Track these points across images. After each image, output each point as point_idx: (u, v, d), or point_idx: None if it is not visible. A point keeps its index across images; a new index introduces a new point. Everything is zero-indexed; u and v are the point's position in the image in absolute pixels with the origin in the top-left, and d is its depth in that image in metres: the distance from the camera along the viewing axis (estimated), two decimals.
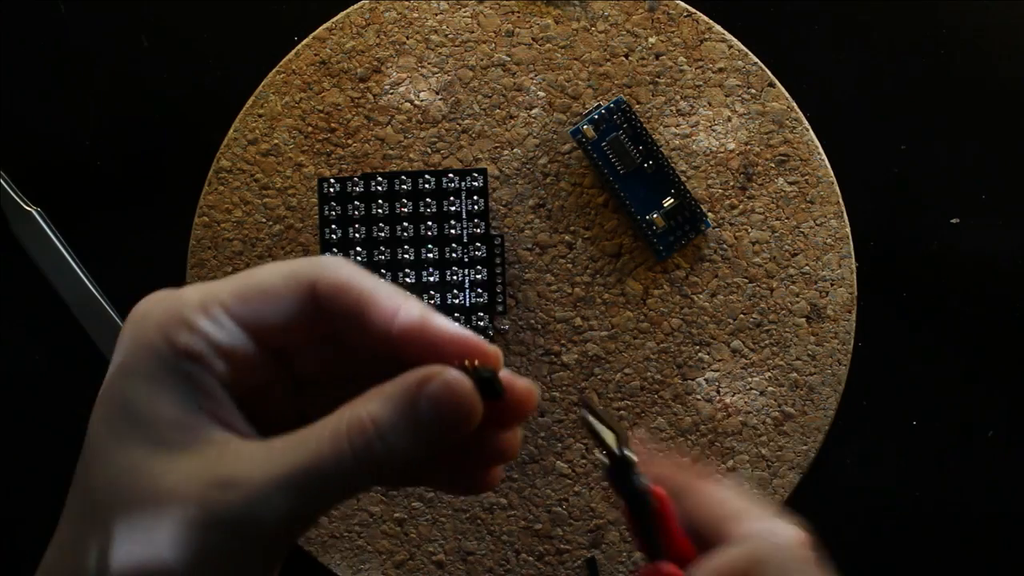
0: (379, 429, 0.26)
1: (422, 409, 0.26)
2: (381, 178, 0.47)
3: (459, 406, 0.26)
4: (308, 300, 0.27)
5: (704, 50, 0.48)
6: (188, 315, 0.27)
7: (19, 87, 0.50)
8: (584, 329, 0.48)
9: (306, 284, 0.27)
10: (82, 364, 0.50)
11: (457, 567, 0.48)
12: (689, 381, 0.48)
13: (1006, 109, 0.48)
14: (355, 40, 0.48)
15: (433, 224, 0.47)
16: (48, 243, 0.49)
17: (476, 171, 0.47)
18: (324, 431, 0.26)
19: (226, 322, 0.27)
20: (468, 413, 0.26)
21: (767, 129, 0.48)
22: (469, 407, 0.26)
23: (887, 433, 0.48)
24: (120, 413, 0.26)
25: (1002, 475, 0.48)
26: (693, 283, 0.48)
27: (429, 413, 0.26)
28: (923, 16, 0.48)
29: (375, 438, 0.26)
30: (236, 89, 0.49)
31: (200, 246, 0.49)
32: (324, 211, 0.47)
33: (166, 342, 0.26)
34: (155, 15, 0.49)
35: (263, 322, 0.27)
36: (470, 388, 0.26)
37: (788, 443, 0.48)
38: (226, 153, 0.49)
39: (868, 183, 0.48)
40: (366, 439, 0.26)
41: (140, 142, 0.50)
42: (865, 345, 0.48)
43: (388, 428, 0.26)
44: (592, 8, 0.48)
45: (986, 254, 0.48)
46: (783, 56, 0.48)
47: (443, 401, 0.26)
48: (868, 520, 0.48)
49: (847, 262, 0.48)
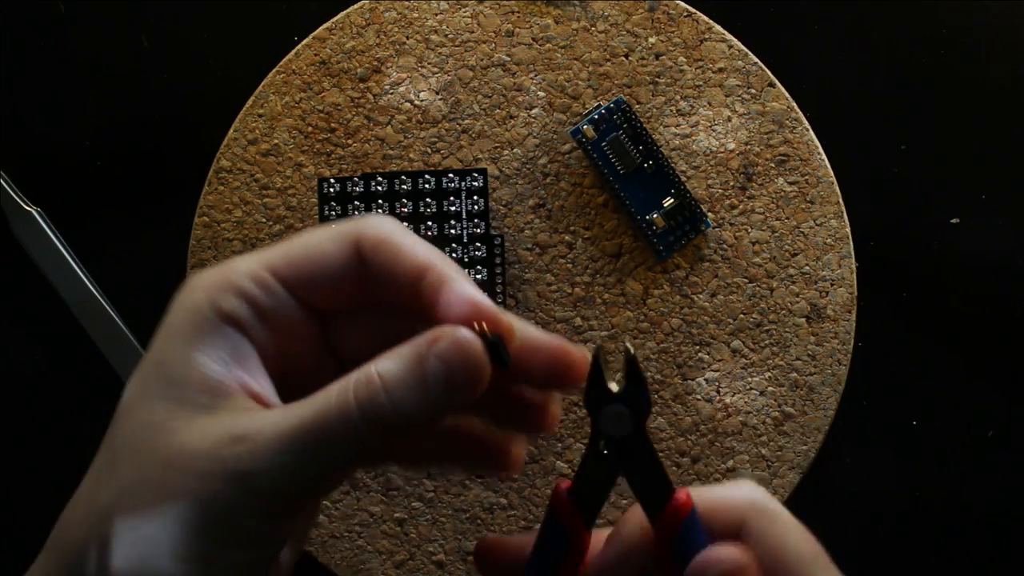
0: (386, 385, 0.26)
1: (430, 367, 0.26)
2: (381, 178, 0.47)
3: (467, 365, 0.26)
4: (353, 257, 0.28)
5: (704, 50, 0.48)
6: (237, 280, 0.27)
7: (19, 87, 0.50)
8: (584, 329, 0.48)
9: (351, 241, 0.28)
10: (82, 364, 0.49)
11: (457, 567, 0.48)
12: (689, 381, 0.48)
13: (1006, 109, 0.48)
14: (355, 40, 0.48)
15: (433, 224, 0.47)
16: (48, 243, 0.49)
17: (476, 171, 0.47)
18: (332, 388, 0.26)
19: (275, 286, 0.28)
20: (476, 373, 0.26)
21: (767, 129, 0.48)
22: (477, 367, 0.26)
23: (887, 433, 0.48)
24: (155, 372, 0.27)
25: (1002, 475, 0.48)
26: (693, 283, 0.48)
27: (437, 371, 0.26)
28: (923, 16, 0.48)
29: (381, 393, 0.26)
30: (236, 89, 0.49)
31: (200, 246, 0.49)
32: (324, 211, 0.47)
33: (211, 306, 0.27)
34: (155, 15, 0.49)
35: (311, 284, 0.28)
36: (479, 348, 0.26)
37: (788, 443, 0.48)
38: (226, 153, 0.49)
39: (868, 183, 0.48)
40: (372, 394, 0.26)
41: (140, 142, 0.50)
42: (865, 345, 0.48)
43: (395, 384, 0.26)
44: (592, 8, 0.48)
45: (986, 254, 0.48)
46: (783, 56, 0.48)
47: (451, 359, 0.26)
48: (868, 520, 0.48)
49: (847, 262, 0.48)
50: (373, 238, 0.28)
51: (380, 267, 0.28)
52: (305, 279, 0.28)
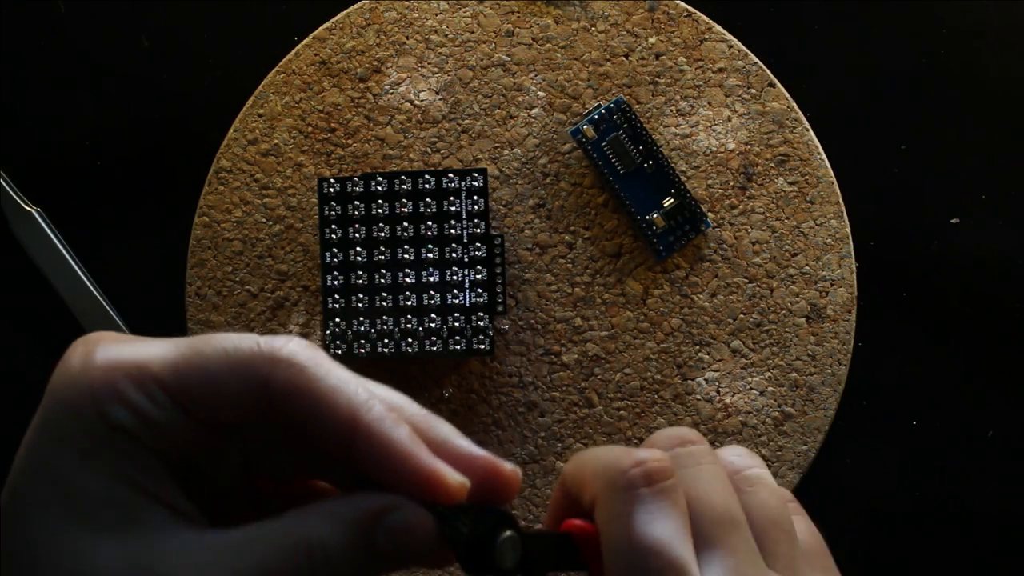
0: (327, 555, 0.24)
1: (379, 542, 0.25)
2: (381, 178, 0.47)
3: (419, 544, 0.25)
4: (257, 396, 0.25)
5: (704, 50, 0.48)
6: (121, 387, 0.24)
7: (19, 87, 0.50)
8: (584, 329, 0.48)
9: (256, 381, 0.25)
10: None
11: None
12: (689, 381, 0.48)
13: (1006, 109, 0.48)
14: (355, 40, 0.48)
15: (433, 224, 0.47)
16: (48, 243, 0.49)
17: (476, 171, 0.47)
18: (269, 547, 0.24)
19: (162, 399, 0.25)
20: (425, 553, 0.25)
21: (767, 129, 0.48)
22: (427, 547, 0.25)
23: (887, 433, 0.48)
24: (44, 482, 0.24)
25: (1002, 475, 0.48)
26: (693, 283, 0.48)
27: (386, 546, 0.25)
28: (923, 16, 0.48)
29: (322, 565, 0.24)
30: (236, 89, 0.49)
31: (200, 246, 0.49)
32: (324, 211, 0.47)
33: (97, 414, 0.24)
34: (155, 15, 0.49)
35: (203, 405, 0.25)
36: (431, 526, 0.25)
37: (788, 443, 0.48)
38: (226, 153, 0.49)
39: (868, 183, 0.48)
40: (312, 565, 0.24)
41: (140, 142, 0.50)
42: (865, 345, 0.48)
43: (339, 557, 0.25)
44: (592, 8, 0.48)
45: (986, 254, 0.48)
46: (783, 56, 0.48)
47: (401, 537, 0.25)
48: (868, 520, 0.48)
49: (847, 262, 0.48)
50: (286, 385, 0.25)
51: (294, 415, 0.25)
52: (196, 400, 0.25)
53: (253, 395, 0.25)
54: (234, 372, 0.25)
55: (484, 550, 0.25)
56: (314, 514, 0.25)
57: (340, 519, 0.25)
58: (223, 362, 0.25)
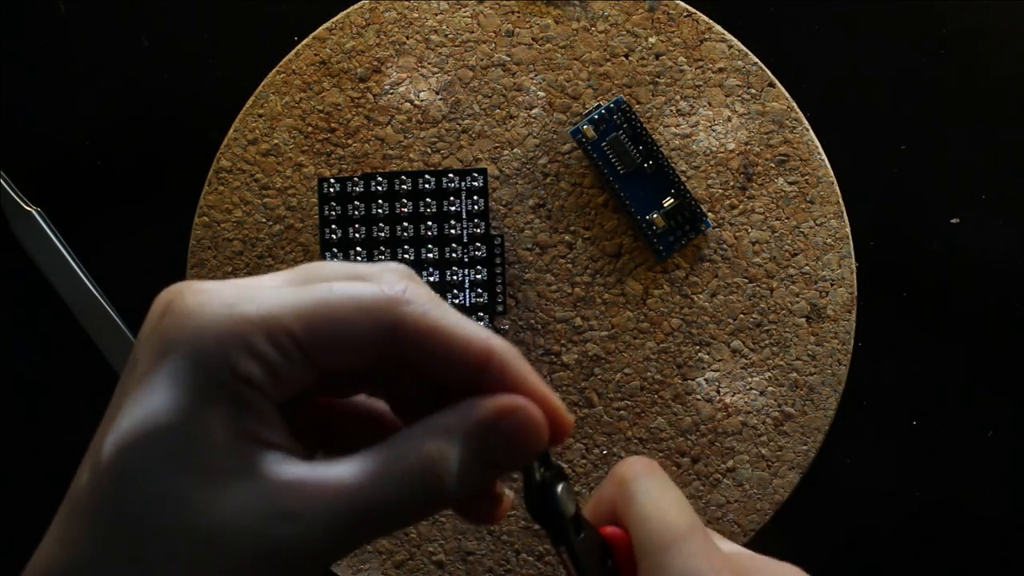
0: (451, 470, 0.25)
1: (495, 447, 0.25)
2: (381, 178, 0.47)
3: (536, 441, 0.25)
4: (387, 340, 0.25)
5: (704, 50, 0.48)
6: (253, 340, 0.24)
7: (19, 87, 0.50)
8: (584, 329, 0.48)
9: (387, 325, 0.25)
10: (82, 364, 0.50)
11: (457, 567, 0.48)
12: (689, 381, 0.48)
13: (1006, 109, 0.48)
14: (355, 40, 0.48)
15: (433, 224, 0.47)
16: (48, 243, 0.49)
17: (476, 171, 0.47)
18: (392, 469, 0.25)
19: (293, 351, 0.25)
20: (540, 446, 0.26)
21: (767, 129, 0.48)
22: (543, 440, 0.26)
23: (887, 433, 0.48)
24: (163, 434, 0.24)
25: (1002, 475, 0.48)
26: (693, 283, 0.48)
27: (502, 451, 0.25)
28: (923, 16, 0.48)
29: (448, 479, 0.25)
30: (236, 89, 0.49)
31: (200, 246, 0.49)
32: (324, 211, 0.47)
33: (226, 365, 0.24)
34: (155, 15, 0.49)
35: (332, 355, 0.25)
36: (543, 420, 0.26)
37: (788, 443, 0.48)
38: (226, 153, 0.49)
39: (868, 183, 0.48)
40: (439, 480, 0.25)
41: (140, 142, 0.50)
42: (865, 345, 0.48)
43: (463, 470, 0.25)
44: (592, 8, 0.48)
45: (986, 254, 0.48)
46: (783, 56, 0.48)
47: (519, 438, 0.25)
48: (868, 520, 0.48)
49: (847, 262, 0.48)
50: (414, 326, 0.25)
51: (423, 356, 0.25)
52: (327, 350, 0.25)
53: (384, 342, 0.25)
54: (366, 321, 0.25)
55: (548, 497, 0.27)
56: (426, 432, 0.25)
57: (457, 433, 0.25)
58: (353, 311, 0.25)
